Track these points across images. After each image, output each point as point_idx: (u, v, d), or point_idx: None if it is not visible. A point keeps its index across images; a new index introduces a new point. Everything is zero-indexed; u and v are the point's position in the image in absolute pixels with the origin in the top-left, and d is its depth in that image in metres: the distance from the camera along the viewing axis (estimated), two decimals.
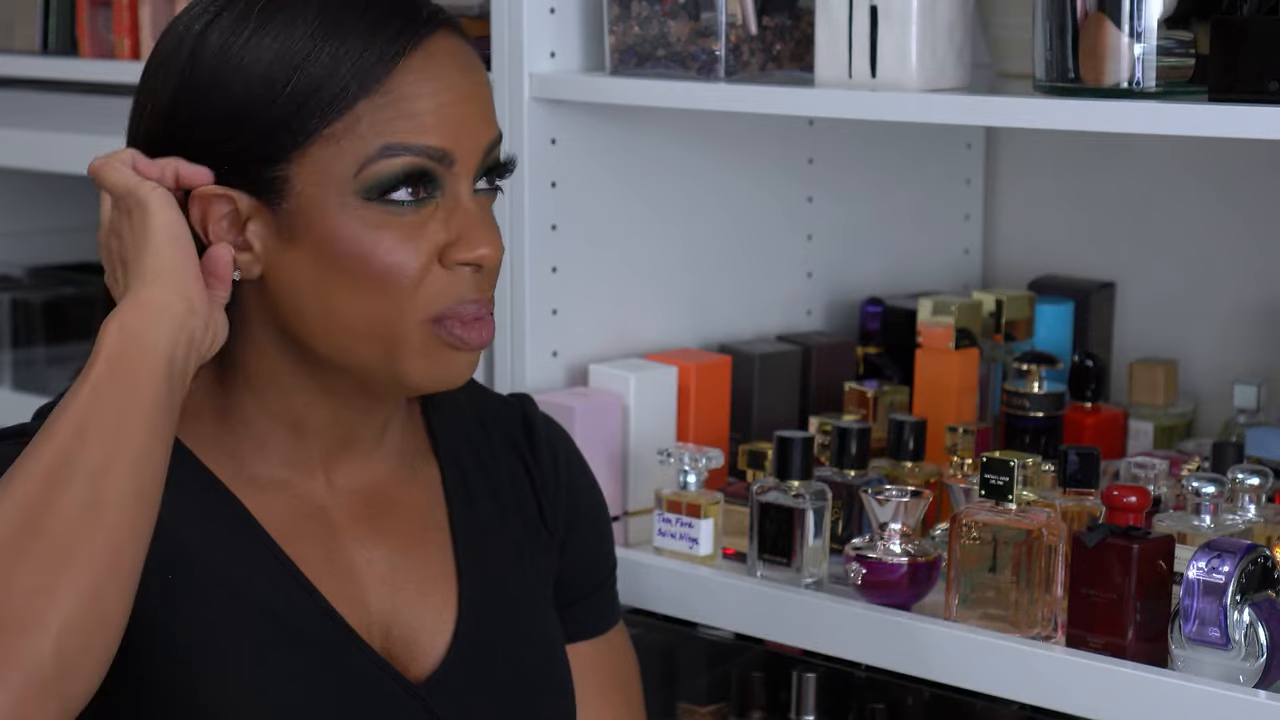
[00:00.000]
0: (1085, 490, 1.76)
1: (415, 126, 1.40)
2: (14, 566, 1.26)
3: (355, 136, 1.40)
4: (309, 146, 1.40)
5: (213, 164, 1.42)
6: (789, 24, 1.94)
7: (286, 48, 1.40)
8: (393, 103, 1.40)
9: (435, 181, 1.42)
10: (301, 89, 1.39)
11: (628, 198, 2.08)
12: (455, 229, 1.42)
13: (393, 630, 1.50)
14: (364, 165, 1.40)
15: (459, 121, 1.42)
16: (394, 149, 1.40)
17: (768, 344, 2.16)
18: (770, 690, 2.02)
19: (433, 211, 1.42)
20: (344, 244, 1.41)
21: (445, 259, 1.42)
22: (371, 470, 1.53)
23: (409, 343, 1.42)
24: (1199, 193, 2.23)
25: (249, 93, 1.40)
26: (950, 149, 2.38)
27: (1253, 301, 2.18)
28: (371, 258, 1.40)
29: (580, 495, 1.66)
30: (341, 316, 1.42)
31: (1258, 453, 1.96)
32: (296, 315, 1.44)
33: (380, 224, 1.40)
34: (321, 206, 1.41)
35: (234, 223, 1.43)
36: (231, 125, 1.41)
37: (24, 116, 2.66)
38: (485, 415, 1.62)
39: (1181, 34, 1.63)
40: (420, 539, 1.54)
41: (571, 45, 2.02)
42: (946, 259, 2.39)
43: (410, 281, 1.41)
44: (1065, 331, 2.18)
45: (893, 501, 1.77)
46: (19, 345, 2.82)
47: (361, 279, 1.41)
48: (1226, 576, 1.57)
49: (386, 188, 1.40)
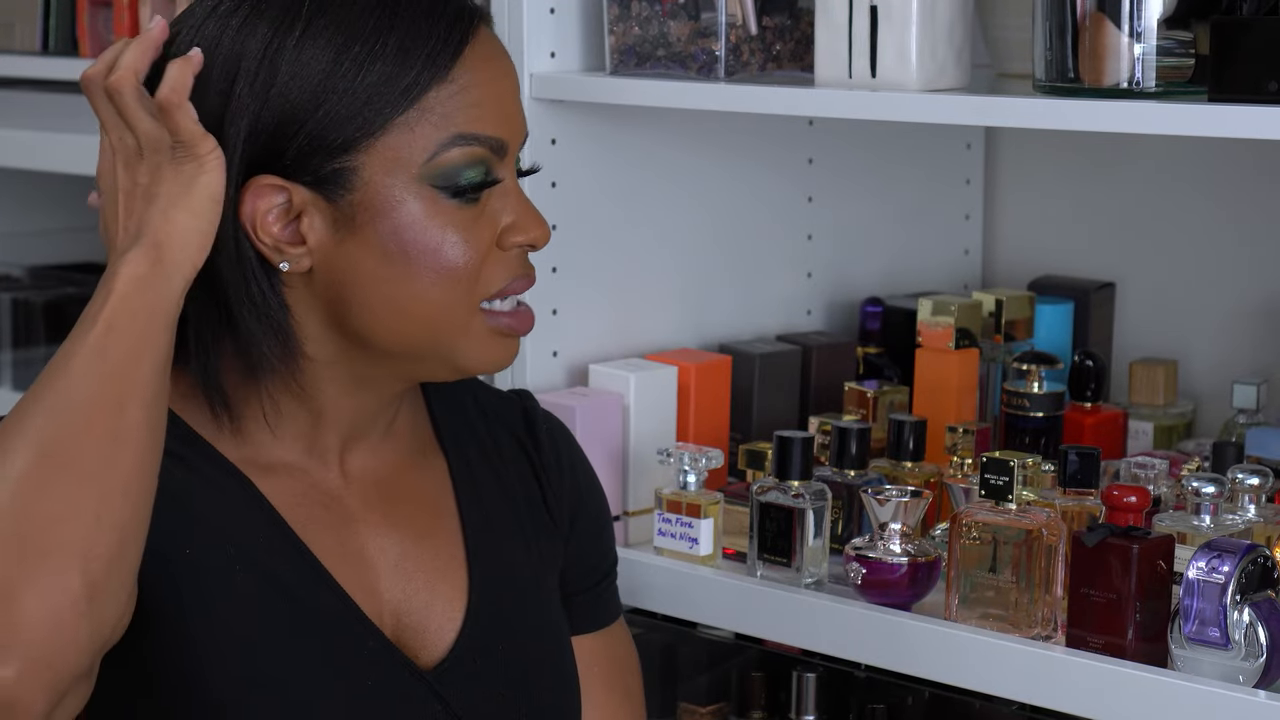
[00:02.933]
0: (1085, 490, 1.76)
1: (480, 116, 1.45)
2: (37, 495, 1.28)
3: (427, 125, 1.43)
4: (381, 136, 1.43)
5: (267, 160, 1.42)
6: (789, 24, 1.94)
7: (350, 39, 1.42)
8: (459, 91, 1.44)
9: (490, 171, 1.46)
10: (374, 80, 1.42)
11: (628, 198, 2.08)
12: (509, 214, 1.47)
13: (403, 618, 1.51)
14: (436, 153, 1.43)
15: (512, 113, 1.48)
16: (465, 138, 1.44)
17: (768, 344, 2.16)
18: (770, 690, 2.02)
19: (485, 199, 1.46)
20: (412, 232, 1.44)
21: (504, 242, 1.47)
22: (381, 458, 1.54)
23: (467, 327, 1.47)
24: (1199, 193, 2.23)
25: (316, 87, 1.42)
26: (950, 149, 2.38)
27: (1253, 301, 2.19)
28: (440, 246, 1.44)
29: (583, 488, 1.68)
30: (403, 303, 1.45)
31: (1257, 453, 1.96)
32: (352, 305, 1.45)
33: (447, 213, 1.44)
34: (389, 196, 1.43)
35: (284, 217, 1.44)
36: (295, 121, 1.42)
37: (24, 116, 2.66)
38: (486, 409, 1.64)
39: (1181, 34, 1.63)
40: (430, 527, 1.55)
41: (571, 45, 2.02)
42: (946, 259, 2.39)
43: (473, 268, 1.46)
44: (1065, 331, 2.18)
45: (893, 501, 1.77)
46: (19, 345, 2.82)
47: (429, 267, 1.44)
48: (1226, 576, 1.57)
49: (454, 176, 1.44)
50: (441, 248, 1.44)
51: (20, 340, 2.82)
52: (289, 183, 1.43)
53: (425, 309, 1.45)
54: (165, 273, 1.37)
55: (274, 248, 1.44)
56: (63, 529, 1.28)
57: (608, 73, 1.98)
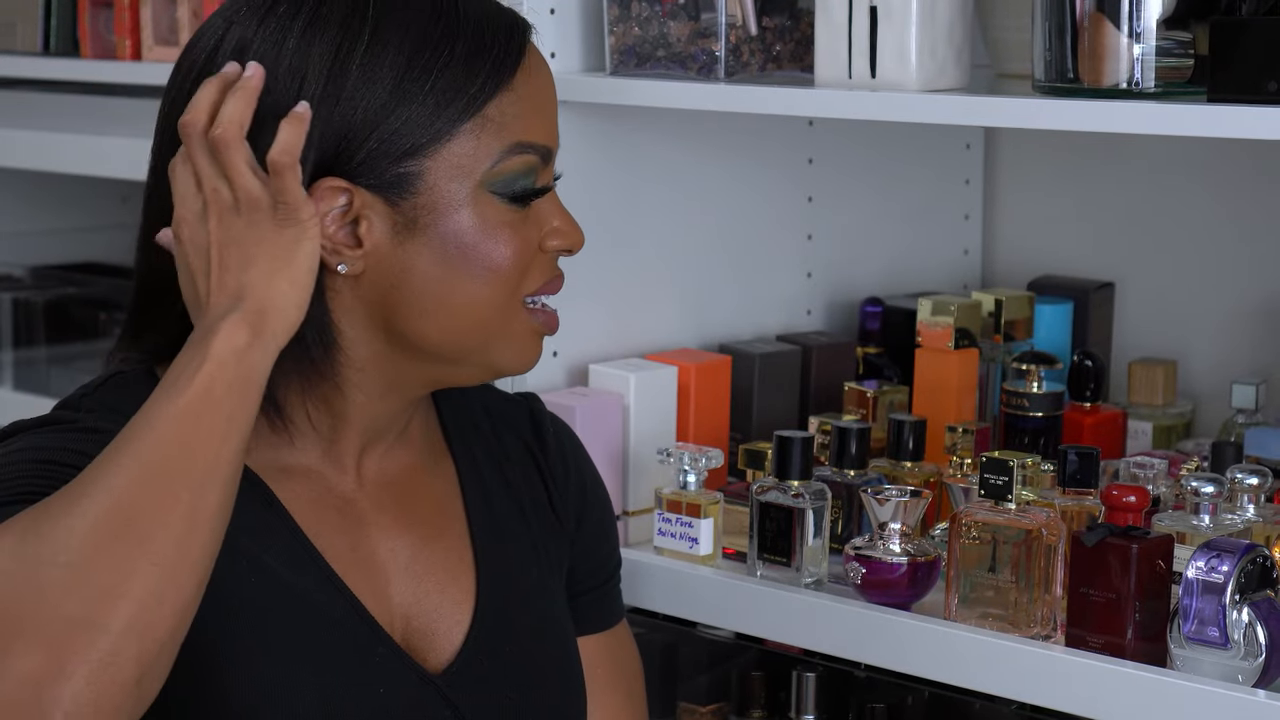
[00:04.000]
0: (1084, 490, 1.76)
1: (534, 125, 1.49)
2: (101, 562, 1.24)
3: (490, 133, 1.47)
4: (447, 142, 1.45)
5: (333, 164, 1.43)
6: (789, 24, 1.94)
7: (418, 47, 1.44)
8: (518, 100, 1.48)
9: (540, 176, 1.51)
10: (443, 87, 1.45)
11: (628, 198, 2.08)
12: (553, 219, 1.52)
13: (412, 621, 1.52)
14: (499, 160, 1.47)
15: (553, 122, 1.53)
16: (523, 147, 1.48)
17: (768, 344, 2.16)
18: (770, 690, 2.02)
19: (536, 203, 1.51)
20: (471, 236, 1.47)
21: (545, 245, 1.51)
22: (395, 461, 1.56)
23: (508, 326, 1.50)
24: (1198, 193, 2.23)
25: (387, 94, 1.43)
26: (950, 149, 2.38)
27: (1252, 301, 2.19)
28: (495, 249, 1.47)
29: (589, 489, 1.69)
30: (457, 305, 1.47)
31: (1257, 452, 1.96)
32: (402, 307, 1.47)
33: (502, 217, 1.48)
34: (451, 200, 1.46)
35: (342, 219, 1.45)
36: (366, 126, 1.43)
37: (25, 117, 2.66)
38: (494, 412, 1.65)
39: (1180, 34, 1.63)
40: (440, 530, 1.56)
41: (571, 45, 2.02)
42: (946, 259, 2.39)
43: (521, 268, 1.49)
44: (1064, 331, 2.18)
45: (892, 501, 1.78)
46: (20, 345, 2.82)
47: (484, 269, 1.47)
48: (1225, 576, 1.57)
49: (512, 183, 1.48)
50: (496, 249, 1.47)
51: (21, 340, 2.82)
52: (353, 185, 1.44)
53: (475, 308, 1.48)
54: (264, 343, 1.35)
55: (332, 250, 1.45)
56: (123, 606, 1.24)
57: (608, 73, 1.98)
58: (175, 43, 2.44)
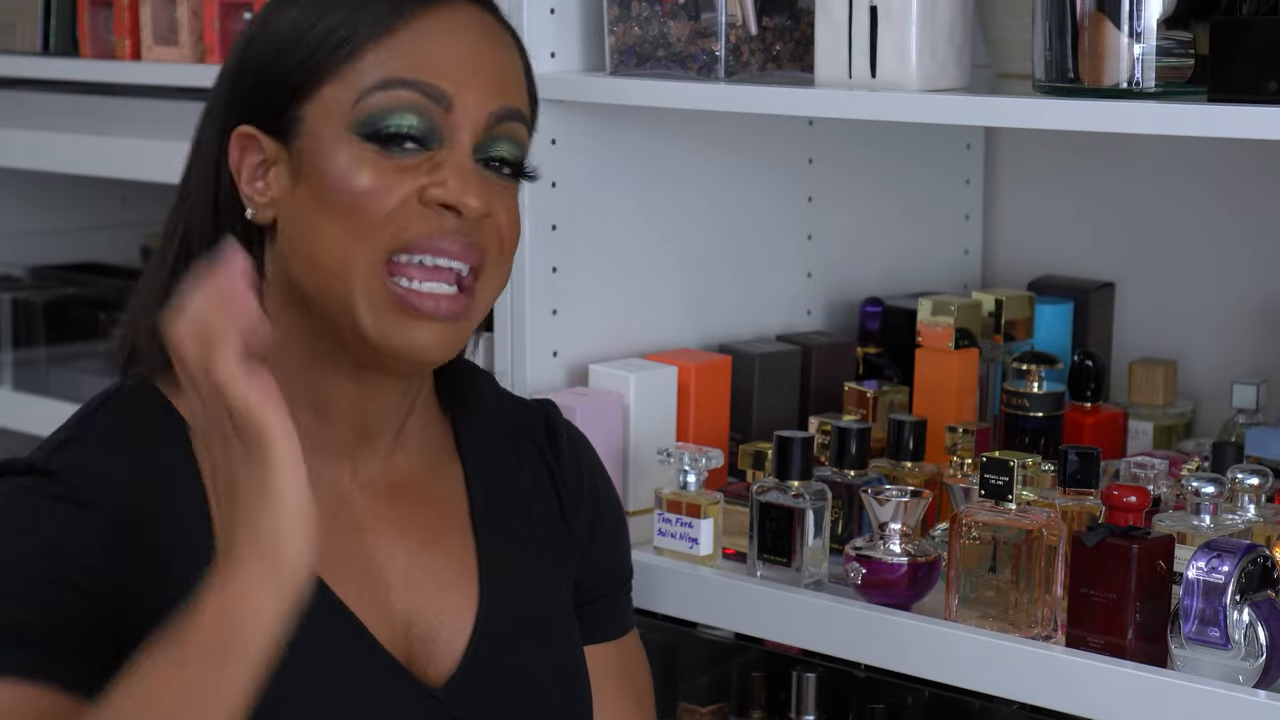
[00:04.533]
0: (1085, 490, 1.76)
1: (416, 64, 1.45)
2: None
3: (358, 74, 1.44)
4: (321, 87, 1.45)
5: (250, 112, 1.47)
6: (789, 24, 1.94)
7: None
8: (398, 45, 1.45)
9: (431, 126, 1.44)
10: (321, 31, 1.45)
11: (628, 198, 2.08)
12: (439, 171, 1.44)
13: (412, 628, 1.50)
14: (361, 96, 1.44)
15: (466, 71, 1.46)
16: (391, 82, 1.44)
17: (768, 344, 2.16)
18: (770, 690, 2.02)
19: (425, 158, 1.45)
20: (331, 176, 1.44)
21: (423, 195, 1.43)
22: (394, 464, 1.54)
23: (369, 286, 1.42)
24: (1199, 193, 2.23)
25: (281, 39, 1.46)
26: (950, 149, 2.38)
27: (1252, 301, 2.19)
28: (349, 186, 1.43)
29: (602, 498, 1.68)
30: (318, 255, 1.44)
31: (1257, 453, 1.96)
32: (295, 259, 1.46)
33: (367, 159, 1.43)
34: (322, 142, 1.45)
35: (261, 166, 1.47)
36: (263, 70, 1.46)
37: (24, 116, 2.66)
38: (509, 417, 1.63)
39: (1181, 34, 1.63)
40: (441, 535, 1.54)
41: (571, 45, 2.02)
42: (946, 259, 2.39)
43: (381, 211, 1.43)
44: (1065, 331, 2.18)
45: (893, 501, 1.77)
46: (20, 345, 2.82)
47: (338, 209, 1.43)
48: (1226, 576, 1.57)
49: (375, 121, 1.43)
50: (348, 188, 1.43)
51: (20, 340, 2.82)
52: (258, 132, 1.47)
53: (331, 255, 1.43)
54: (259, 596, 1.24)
55: (248, 195, 1.47)
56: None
57: (608, 73, 1.98)
58: (175, 42, 2.44)
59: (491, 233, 1.47)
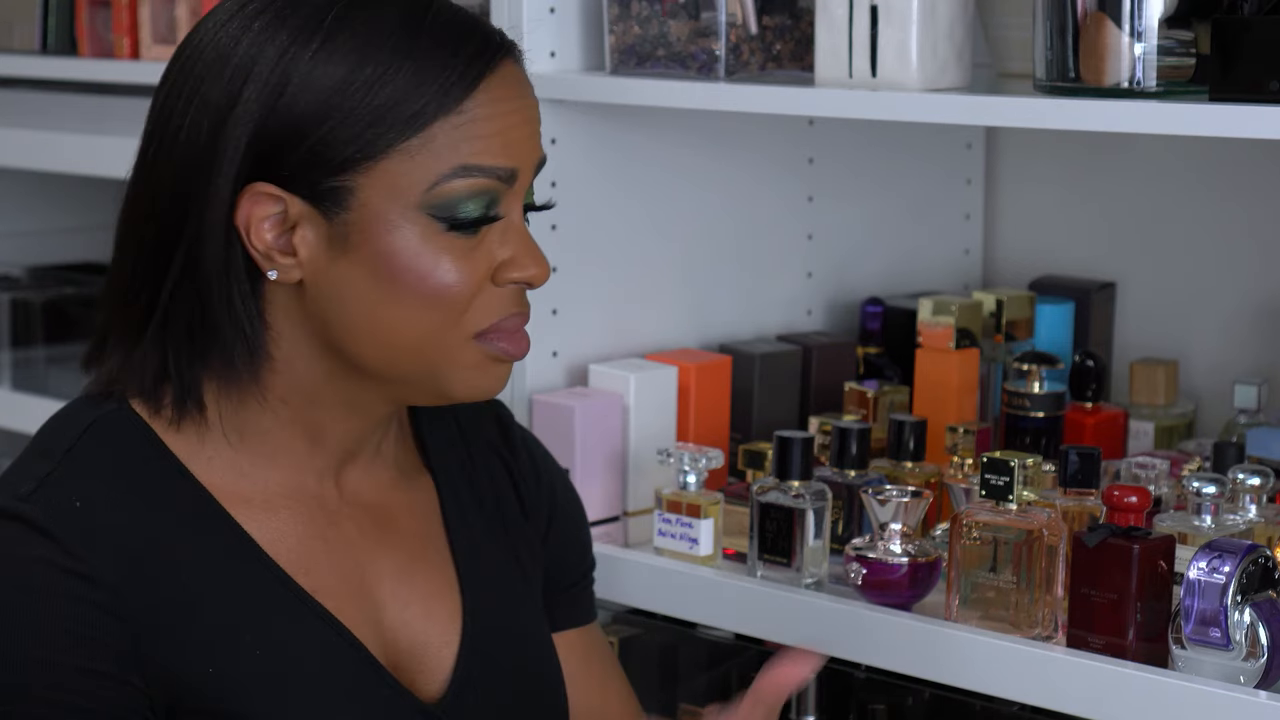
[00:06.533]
0: (1086, 490, 1.75)
1: (487, 148, 1.42)
2: None
3: (429, 154, 1.40)
4: (381, 160, 1.40)
5: (270, 167, 1.40)
6: (789, 24, 1.93)
7: (365, 59, 1.40)
8: (468, 124, 1.41)
9: (495, 202, 1.43)
10: (381, 103, 1.39)
11: (628, 197, 2.08)
12: (509, 248, 1.44)
13: (401, 644, 1.50)
14: (437, 183, 1.41)
15: (521, 142, 1.44)
16: (470, 170, 1.41)
17: (768, 344, 2.16)
18: None
19: (487, 231, 1.44)
20: (403, 259, 1.41)
21: (499, 278, 1.44)
22: (373, 480, 1.53)
23: (456, 358, 1.44)
24: (1199, 193, 2.23)
25: (323, 102, 1.39)
26: (950, 149, 2.38)
27: (1253, 301, 2.18)
28: (431, 276, 1.42)
29: (559, 488, 1.68)
30: (390, 330, 1.43)
31: (1258, 453, 1.95)
32: (340, 325, 1.44)
33: (442, 243, 1.42)
34: (384, 220, 1.41)
35: (279, 226, 1.42)
36: (299, 133, 1.39)
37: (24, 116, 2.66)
38: (463, 424, 1.63)
39: (1182, 34, 1.63)
40: (422, 551, 1.54)
41: (571, 45, 2.02)
42: (946, 259, 2.39)
43: (464, 301, 1.43)
44: (1065, 331, 2.18)
45: (893, 502, 1.77)
46: (19, 345, 2.81)
47: (417, 295, 1.42)
48: (1227, 577, 1.57)
49: (453, 208, 1.41)
50: (433, 274, 1.41)
51: (20, 340, 2.81)
52: (285, 193, 1.41)
53: (411, 336, 1.43)
54: None
55: (265, 254, 1.42)
56: None
57: (608, 73, 1.98)
58: (173, 41, 2.43)
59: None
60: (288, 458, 1.48)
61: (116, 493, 1.42)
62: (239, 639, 1.42)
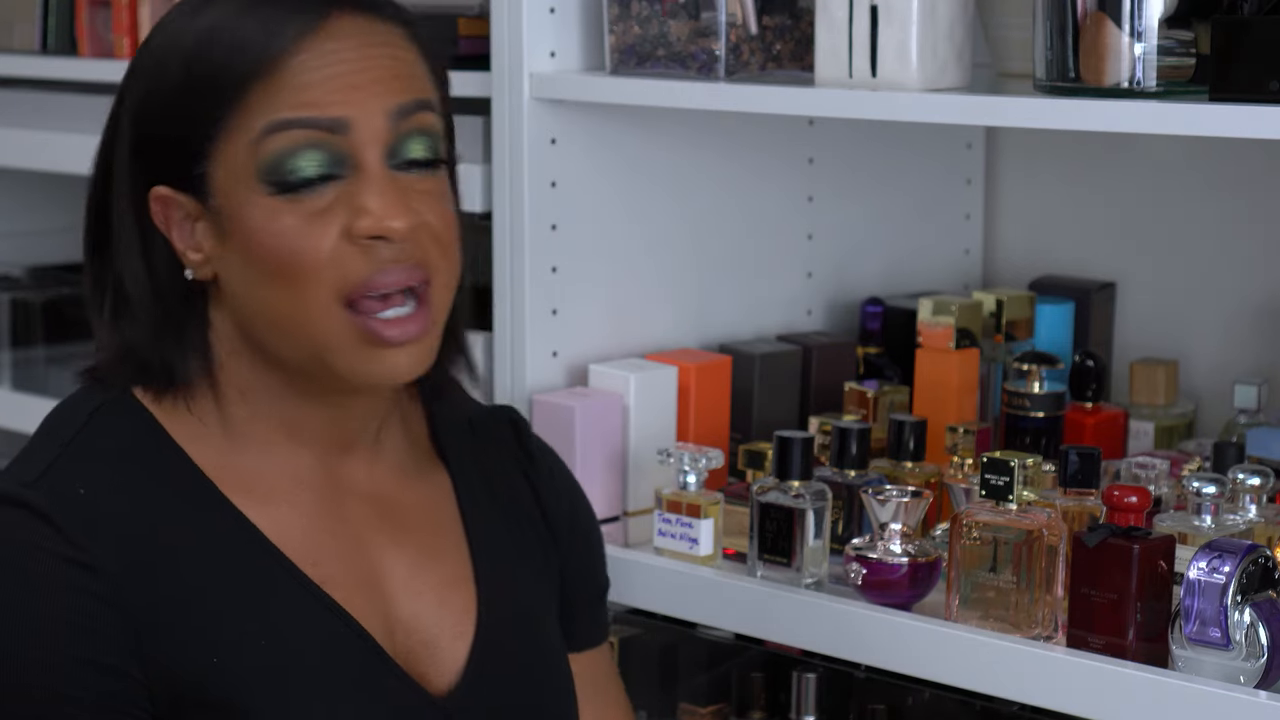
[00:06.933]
0: (1086, 490, 1.75)
1: (301, 100, 1.38)
2: None
3: (250, 120, 1.38)
4: (218, 140, 1.39)
5: (159, 168, 1.42)
6: (789, 24, 1.93)
7: (190, 41, 1.40)
8: (281, 83, 1.38)
9: (336, 157, 1.39)
10: (205, 81, 1.38)
11: (628, 198, 2.08)
12: (359, 200, 1.39)
13: (413, 636, 1.50)
14: (254, 147, 1.38)
15: (355, 88, 1.39)
16: (282, 124, 1.38)
17: (768, 344, 2.16)
18: (770, 690, 2.02)
19: (339, 190, 1.39)
20: (258, 236, 1.39)
21: (351, 234, 1.39)
22: (377, 475, 1.53)
23: (330, 332, 1.40)
24: (1199, 193, 2.22)
25: (171, 94, 1.40)
26: (950, 149, 2.38)
27: (1253, 301, 2.18)
28: (279, 245, 1.38)
29: (579, 504, 1.68)
30: (272, 312, 1.41)
31: (1258, 453, 1.95)
32: (242, 315, 1.44)
33: (282, 210, 1.39)
34: (236, 199, 1.40)
35: (187, 223, 1.43)
36: (161, 133, 1.41)
37: (23, 116, 2.66)
38: (476, 425, 1.62)
39: (1182, 34, 1.63)
40: (435, 544, 1.54)
41: (571, 45, 2.02)
42: (946, 259, 2.39)
43: (315, 265, 1.38)
44: (1065, 331, 2.18)
45: (893, 501, 1.77)
46: (18, 345, 2.81)
47: (275, 269, 1.39)
48: (1227, 577, 1.57)
49: (279, 169, 1.38)
50: (280, 243, 1.38)
51: (19, 340, 2.81)
52: (174, 192, 1.42)
53: (285, 314, 1.40)
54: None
55: (182, 253, 1.43)
56: None
57: (608, 73, 1.98)
58: None
59: (428, 239, 1.42)
60: (275, 449, 1.48)
61: (121, 478, 1.42)
62: (243, 629, 1.41)
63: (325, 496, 1.49)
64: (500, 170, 2.00)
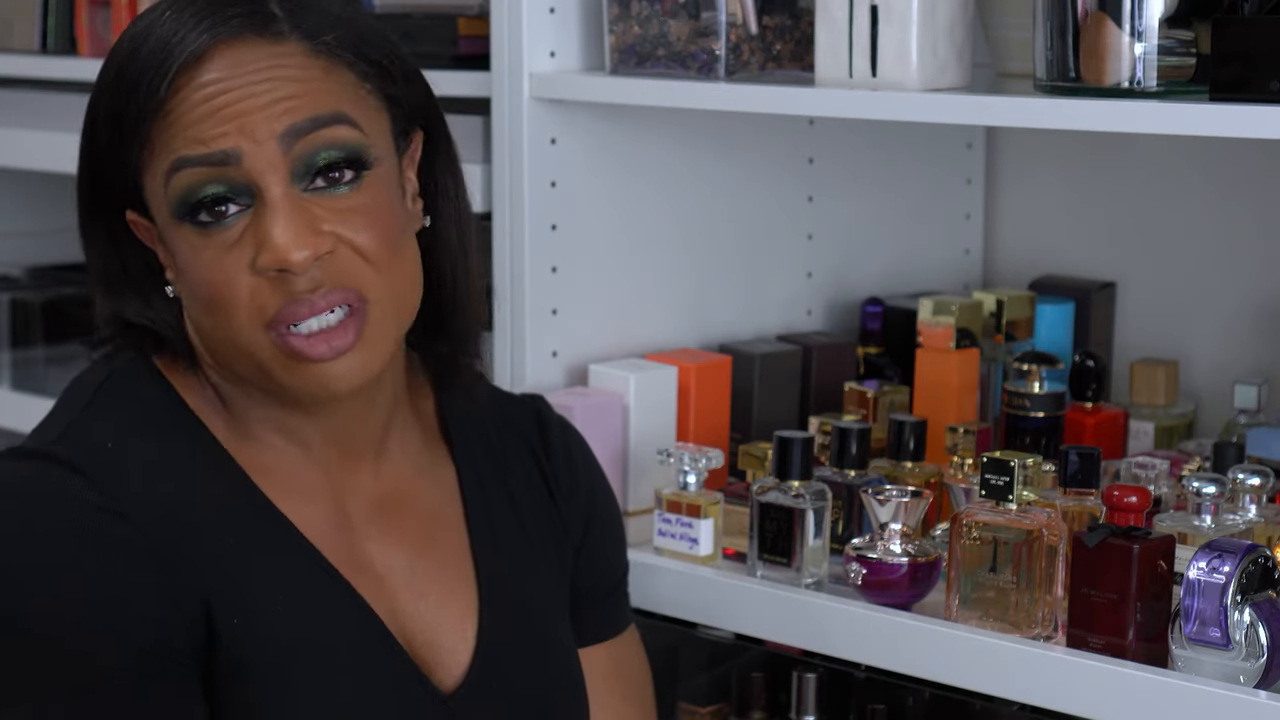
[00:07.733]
0: (1086, 490, 1.75)
1: (190, 137, 1.38)
2: None
3: (156, 159, 1.40)
4: (142, 175, 1.42)
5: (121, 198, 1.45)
6: (789, 24, 1.93)
7: (102, 89, 1.44)
8: (171, 120, 1.38)
9: (236, 188, 1.39)
10: (115, 125, 1.41)
11: (628, 198, 2.08)
12: (264, 233, 1.38)
13: (418, 636, 1.50)
14: (164, 185, 1.39)
15: (239, 116, 1.38)
16: (181, 162, 1.38)
17: (768, 344, 2.16)
18: (770, 690, 2.02)
19: (247, 220, 1.39)
20: (186, 268, 1.42)
21: (256, 268, 1.39)
22: (383, 477, 1.53)
23: (260, 356, 1.41)
24: (1199, 193, 2.22)
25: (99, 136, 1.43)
26: (950, 149, 2.38)
27: (1253, 301, 2.18)
28: (201, 279, 1.40)
29: (598, 497, 1.67)
30: (214, 333, 1.43)
31: (1258, 453, 1.95)
32: (199, 334, 1.46)
33: (200, 243, 1.40)
34: (166, 233, 1.42)
35: (159, 245, 1.46)
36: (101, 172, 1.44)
37: (23, 116, 2.66)
38: (500, 417, 1.62)
39: (1182, 33, 1.63)
40: (438, 543, 1.54)
41: (571, 45, 2.02)
42: (946, 259, 2.39)
43: (234, 298, 1.39)
44: (1066, 331, 2.18)
45: (893, 501, 1.77)
46: (18, 345, 2.81)
47: (204, 299, 1.41)
48: (1227, 577, 1.57)
49: (184, 207, 1.39)
50: (200, 277, 1.40)
51: (19, 340, 2.81)
52: (139, 217, 1.45)
53: (224, 340, 1.42)
54: None
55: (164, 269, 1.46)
56: None
57: (608, 72, 1.98)
58: None
59: (351, 259, 1.40)
60: (293, 464, 1.49)
61: (143, 432, 1.43)
62: (264, 595, 1.42)
63: (333, 499, 1.50)
64: (500, 170, 2.00)
